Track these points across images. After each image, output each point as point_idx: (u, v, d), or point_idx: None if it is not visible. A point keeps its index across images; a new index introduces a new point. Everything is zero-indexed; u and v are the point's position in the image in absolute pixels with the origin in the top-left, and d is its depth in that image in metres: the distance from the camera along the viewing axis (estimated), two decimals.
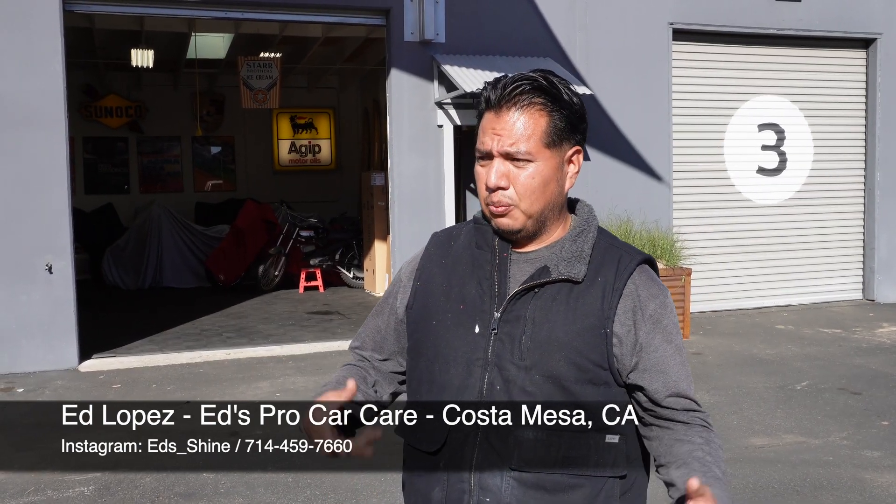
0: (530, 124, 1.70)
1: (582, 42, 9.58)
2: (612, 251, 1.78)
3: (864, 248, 11.37)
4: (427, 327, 1.81)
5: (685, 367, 1.77)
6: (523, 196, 1.72)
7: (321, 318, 10.40)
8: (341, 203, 16.15)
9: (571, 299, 1.71)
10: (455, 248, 1.85)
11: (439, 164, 9.18)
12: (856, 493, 4.83)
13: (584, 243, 1.76)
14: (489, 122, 1.73)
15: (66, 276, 7.93)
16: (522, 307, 1.72)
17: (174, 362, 8.11)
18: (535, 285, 1.73)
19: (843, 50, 11.12)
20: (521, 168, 1.71)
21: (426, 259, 1.89)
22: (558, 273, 1.73)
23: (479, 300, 1.75)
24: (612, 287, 1.72)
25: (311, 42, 13.00)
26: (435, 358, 1.77)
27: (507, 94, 1.71)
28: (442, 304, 1.80)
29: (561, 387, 1.67)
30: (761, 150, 10.88)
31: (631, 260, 1.76)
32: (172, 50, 13.61)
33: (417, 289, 1.86)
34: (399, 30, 8.95)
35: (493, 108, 1.73)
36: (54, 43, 7.81)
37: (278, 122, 16.81)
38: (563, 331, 1.69)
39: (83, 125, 15.15)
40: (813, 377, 7.42)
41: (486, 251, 1.79)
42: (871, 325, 9.84)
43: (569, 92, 1.74)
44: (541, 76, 1.73)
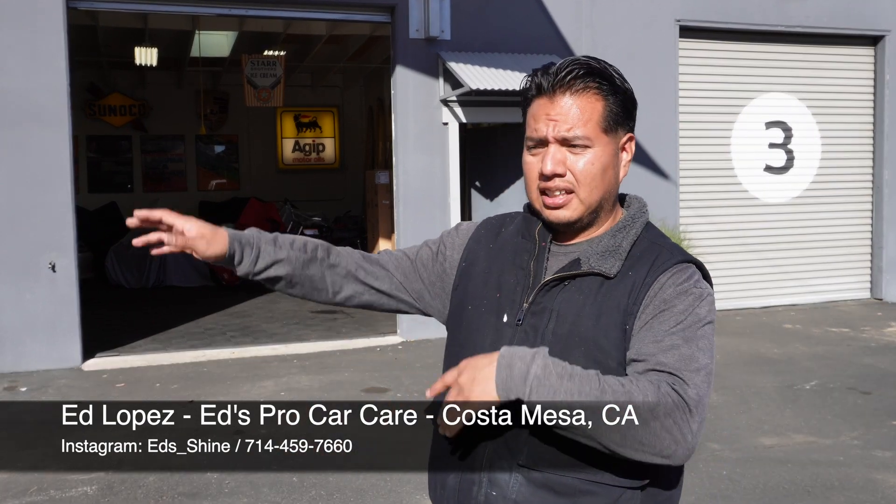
0: (587, 108, 1.64)
1: (588, 39, 9.51)
2: (653, 249, 1.69)
3: (871, 246, 11.29)
4: (463, 312, 1.79)
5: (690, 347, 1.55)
6: (582, 183, 1.65)
7: (326, 318, 10.35)
8: (345, 202, 16.12)
9: (600, 294, 1.64)
10: (503, 235, 1.82)
11: (444, 161, 9.12)
12: (868, 494, 4.76)
13: (624, 239, 1.69)
14: (542, 108, 1.66)
15: (69, 275, 7.89)
16: (550, 299, 1.67)
17: (178, 361, 8.07)
18: (566, 277, 1.67)
19: (851, 47, 11.04)
20: (579, 154, 1.65)
21: (475, 240, 1.86)
22: (589, 266, 1.66)
23: (513, 290, 1.72)
24: (641, 283, 1.63)
25: (315, 40, 12.96)
26: (465, 343, 1.74)
27: (560, 78, 1.64)
28: (480, 290, 1.77)
29: None
30: (768, 148, 10.81)
31: (669, 258, 1.66)
32: (176, 48, 13.57)
33: (462, 269, 1.84)
34: (404, 27, 8.90)
35: (545, 93, 1.65)
36: (58, 40, 7.77)
37: (282, 120, 16.78)
38: (586, 326, 1.62)
39: (87, 123, 15.13)
40: (822, 377, 7.35)
41: (528, 241, 1.75)
42: (879, 324, 9.77)
43: (620, 77, 1.68)
44: (593, 60, 1.67)
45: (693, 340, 1.57)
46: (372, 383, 7.28)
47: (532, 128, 1.67)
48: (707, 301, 1.62)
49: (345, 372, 7.68)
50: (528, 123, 1.68)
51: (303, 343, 8.79)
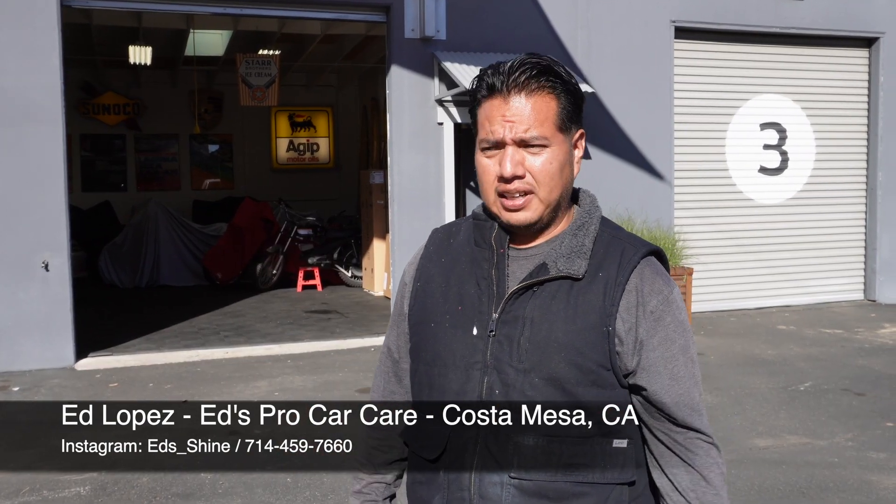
0: (543, 108, 1.62)
1: (584, 39, 9.51)
2: (615, 244, 1.68)
3: (865, 248, 11.31)
4: (426, 330, 1.73)
5: (689, 368, 1.66)
6: (542, 183, 1.63)
7: (320, 317, 10.33)
8: (340, 201, 16.09)
9: (572, 297, 1.62)
10: (454, 245, 1.77)
11: (439, 161, 9.11)
12: (863, 496, 4.77)
13: (585, 237, 1.67)
14: (496, 108, 1.63)
15: (63, 274, 7.86)
16: (520, 307, 1.64)
17: (172, 361, 8.04)
18: (534, 283, 1.64)
19: (846, 49, 11.07)
20: (537, 154, 1.63)
21: (426, 258, 1.81)
22: (557, 270, 1.64)
23: (478, 301, 1.67)
24: (614, 282, 1.63)
25: (310, 40, 12.94)
26: (433, 361, 1.70)
27: (514, 78, 1.61)
28: (440, 306, 1.72)
29: (562, 389, 1.59)
30: (763, 150, 10.83)
31: (635, 252, 1.66)
32: (170, 47, 13.54)
33: (418, 290, 1.79)
34: (399, 26, 8.88)
35: (499, 93, 1.62)
36: (52, 38, 7.74)
37: (277, 120, 16.76)
38: (563, 330, 1.61)
39: (81, 122, 15.09)
40: (816, 378, 7.36)
41: (485, 248, 1.70)
42: (873, 325, 9.79)
43: (567, 73, 1.67)
44: (542, 59, 1.65)
45: (685, 346, 1.67)
46: (366, 383, 7.26)
47: (487, 129, 1.63)
48: (677, 294, 1.68)
49: (339, 372, 7.66)
50: (482, 125, 1.65)
51: (297, 343, 8.77)
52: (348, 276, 12.79)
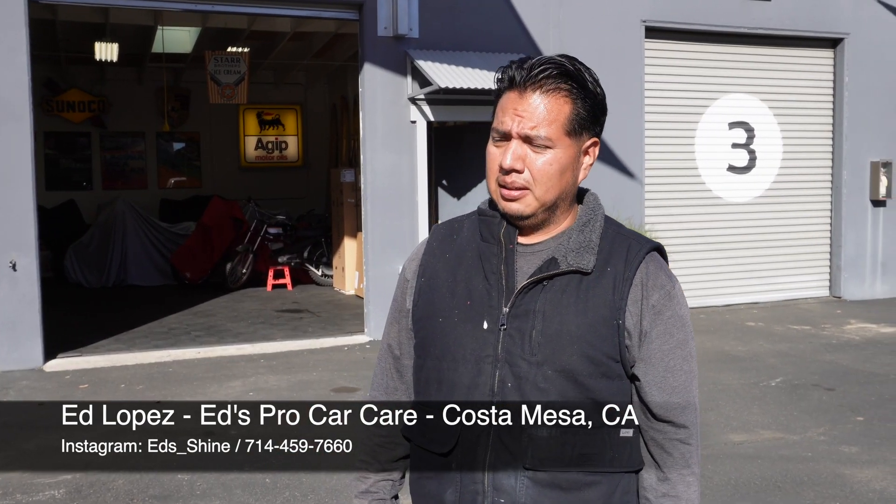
0: (554, 109, 1.64)
1: (556, 39, 9.55)
2: (620, 240, 1.72)
3: (831, 245, 11.49)
4: (433, 325, 1.74)
5: (685, 363, 1.70)
6: (539, 181, 1.66)
7: (291, 317, 10.27)
8: (309, 200, 16.01)
9: (581, 291, 1.66)
10: (459, 241, 1.78)
11: (412, 160, 9.10)
12: (837, 489, 4.84)
13: (592, 233, 1.71)
14: (511, 101, 1.66)
15: (30, 274, 7.73)
16: (531, 301, 1.66)
17: (142, 361, 7.95)
18: (544, 277, 1.67)
19: (812, 49, 11.23)
20: (539, 153, 1.65)
21: (428, 254, 1.81)
22: (567, 264, 1.67)
23: (487, 295, 1.69)
24: (622, 277, 1.67)
25: (280, 37, 12.84)
26: (442, 356, 1.71)
27: (533, 75, 1.64)
28: (448, 301, 1.73)
29: (574, 381, 1.63)
30: (732, 149, 10.95)
31: (640, 248, 1.71)
32: (137, 44, 13.36)
33: (422, 285, 1.79)
34: (372, 24, 8.85)
35: (516, 87, 1.65)
36: (19, 34, 7.60)
37: (245, 118, 16.62)
38: (575, 323, 1.64)
39: (45, 119, 14.82)
40: (786, 373, 7.46)
41: (493, 243, 1.72)
42: (838, 321, 9.95)
43: (593, 81, 1.70)
44: (568, 62, 1.67)
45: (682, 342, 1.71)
46: (341, 383, 7.24)
47: (499, 120, 1.67)
48: (678, 290, 1.72)
49: (313, 372, 7.62)
50: (497, 115, 1.68)
51: (269, 342, 8.71)
52: (318, 275, 12.73)
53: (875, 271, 11.49)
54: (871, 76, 11.24)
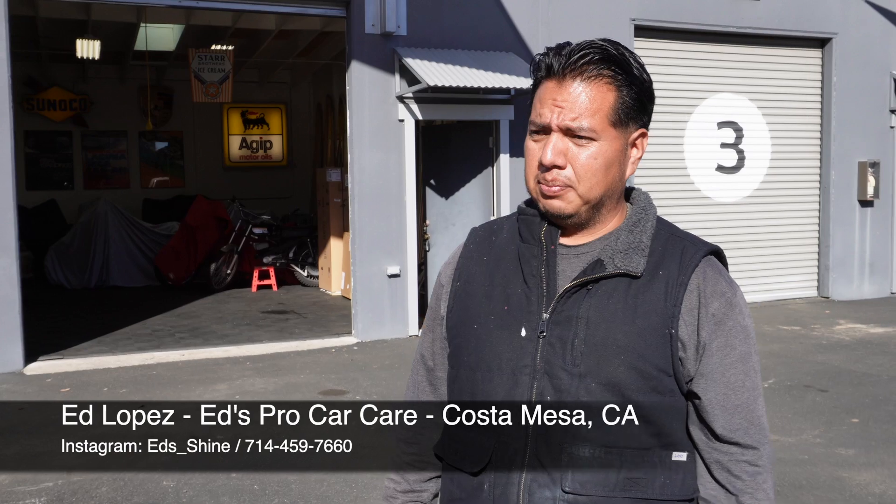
0: (597, 98, 1.50)
1: (545, 37, 9.46)
2: (674, 242, 1.57)
3: (819, 245, 11.47)
4: (467, 332, 1.60)
5: (748, 379, 1.55)
6: (582, 178, 1.51)
7: (277, 318, 10.13)
8: (294, 200, 15.87)
9: (630, 296, 1.51)
10: (497, 242, 1.64)
11: (400, 159, 8.98)
12: (836, 493, 4.77)
13: (643, 234, 1.56)
14: (549, 91, 1.52)
15: (10, 275, 7.57)
16: (574, 306, 1.52)
17: (126, 364, 7.79)
18: (589, 281, 1.52)
19: (800, 49, 11.20)
20: (583, 147, 1.51)
21: (465, 257, 1.67)
22: (614, 267, 1.52)
23: (526, 300, 1.55)
24: (675, 282, 1.52)
25: (264, 35, 12.70)
26: (477, 366, 1.57)
27: (573, 61, 1.50)
28: (484, 306, 1.59)
29: (622, 396, 1.47)
30: (720, 148, 10.91)
31: (696, 251, 1.56)
32: (120, 41, 13.17)
33: (457, 290, 1.65)
34: (360, 21, 8.73)
35: (555, 76, 1.52)
36: None
37: (229, 117, 16.46)
38: (623, 332, 1.49)
39: (25, 118, 14.60)
40: (779, 375, 7.40)
41: (533, 245, 1.58)
42: (828, 322, 9.92)
43: (639, 66, 1.55)
44: (611, 45, 1.53)
45: (745, 355, 1.56)
46: (329, 385, 7.11)
47: (537, 112, 1.53)
48: (740, 297, 1.57)
49: (300, 374, 7.50)
50: (534, 106, 1.55)
51: (255, 344, 8.58)
52: (304, 276, 12.59)
53: (863, 271, 11.48)
54: (859, 76, 11.23)
